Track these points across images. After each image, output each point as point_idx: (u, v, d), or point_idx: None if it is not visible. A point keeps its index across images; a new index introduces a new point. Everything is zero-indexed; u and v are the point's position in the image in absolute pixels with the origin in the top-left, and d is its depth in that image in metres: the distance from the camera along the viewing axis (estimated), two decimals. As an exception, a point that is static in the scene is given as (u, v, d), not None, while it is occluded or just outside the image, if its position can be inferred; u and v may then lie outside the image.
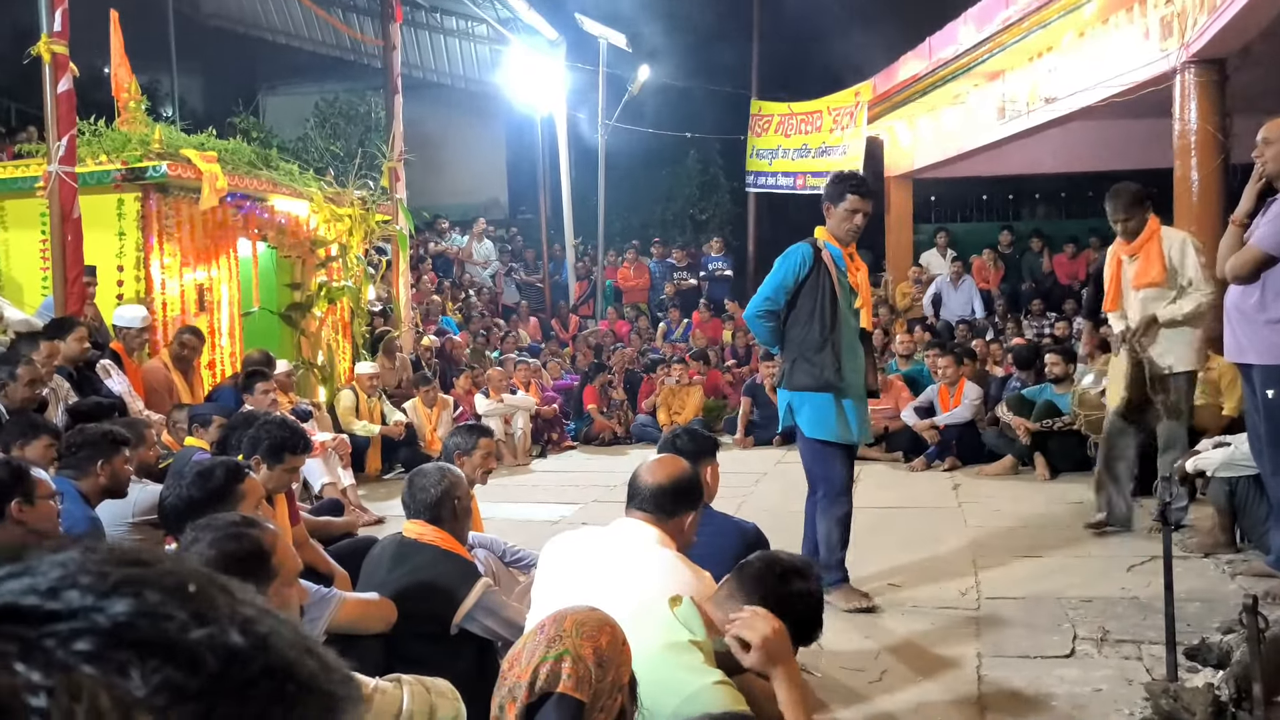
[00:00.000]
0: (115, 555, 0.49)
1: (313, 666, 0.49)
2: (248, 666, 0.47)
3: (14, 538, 2.74)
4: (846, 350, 4.27)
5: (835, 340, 4.23)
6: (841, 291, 4.27)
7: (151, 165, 6.72)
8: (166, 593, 0.47)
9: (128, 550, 0.50)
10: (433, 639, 2.89)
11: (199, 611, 0.47)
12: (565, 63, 13.93)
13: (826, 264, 4.26)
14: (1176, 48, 7.22)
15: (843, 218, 4.28)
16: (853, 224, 4.28)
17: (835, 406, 4.27)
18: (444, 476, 3.12)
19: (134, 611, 0.46)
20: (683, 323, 12.73)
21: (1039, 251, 13.19)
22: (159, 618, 0.46)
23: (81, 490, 3.60)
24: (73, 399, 5.32)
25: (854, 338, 4.35)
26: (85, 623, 0.45)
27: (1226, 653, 2.98)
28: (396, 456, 7.96)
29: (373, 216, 8.97)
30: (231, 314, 7.62)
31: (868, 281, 4.51)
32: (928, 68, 10.83)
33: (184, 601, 0.47)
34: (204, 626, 0.47)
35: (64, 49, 5.77)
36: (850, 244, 4.38)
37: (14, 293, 6.92)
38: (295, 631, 0.51)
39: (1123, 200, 5.04)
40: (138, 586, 0.47)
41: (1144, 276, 4.98)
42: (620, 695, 1.81)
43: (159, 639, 0.45)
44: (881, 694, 3.41)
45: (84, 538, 0.53)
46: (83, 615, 0.45)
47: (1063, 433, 7.06)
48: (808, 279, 4.25)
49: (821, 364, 4.23)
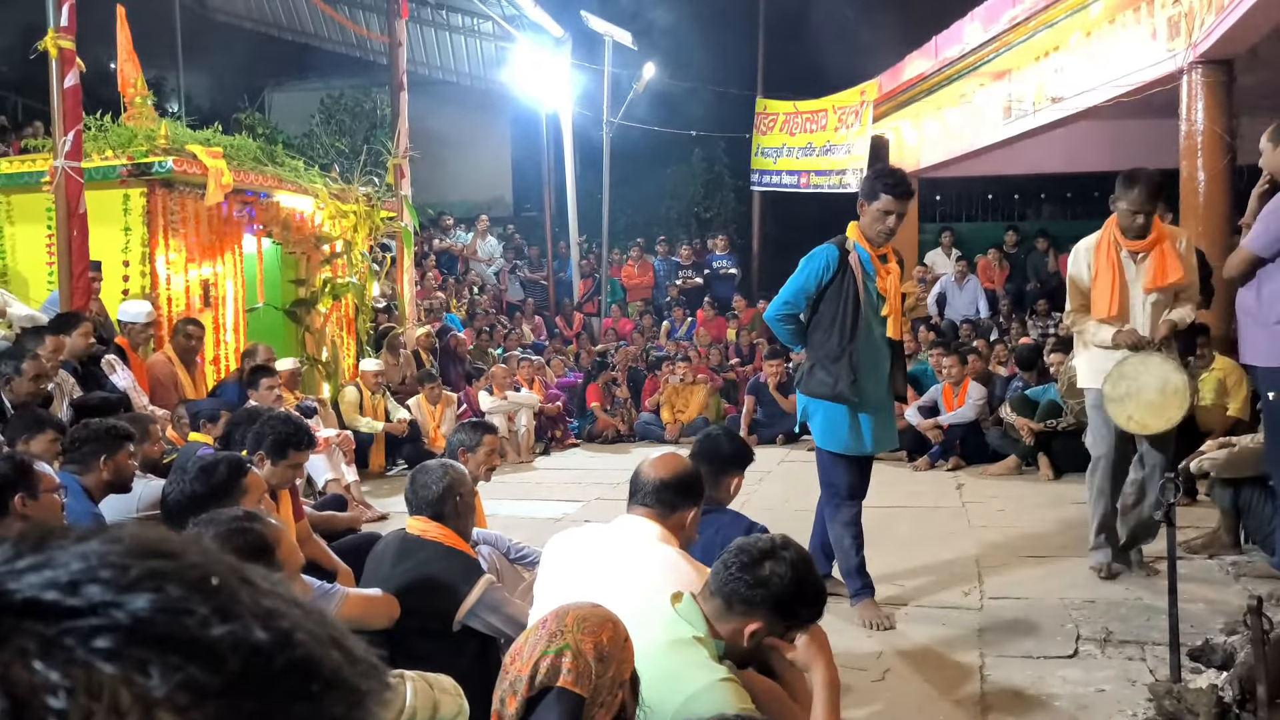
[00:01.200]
0: (137, 546, 0.48)
1: (337, 659, 0.48)
2: (271, 663, 0.46)
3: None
4: (866, 361, 4.09)
5: (853, 351, 4.04)
6: (867, 298, 4.07)
7: (157, 161, 6.74)
8: (188, 587, 0.46)
9: (149, 540, 0.49)
10: (435, 635, 2.89)
11: (221, 606, 0.46)
12: (570, 60, 13.92)
13: (853, 268, 4.05)
14: (1184, 48, 7.20)
15: (875, 218, 4.04)
16: (885, 225, 4.03)
17: (849, 418, 4.14)
18: (446, 473, 3.12)
19: (155, 607, 0.45)
20: (687, 321, 12.72)
21: (1044, 251, 13.16)
22: (180, 613, 0.45)
23: (85, 486, 3.61)
24: (77, 394, 5.33)
25: (877, 347, 4.14)
26: (105, 619, 0.44)
27: (1230, 654, 2.98)
28: (400, 453, 7.97)
29: (378, 213, 8.98)
30: (236, 310, 7.63)
31: (898, 286, 4.15)
32: (934, 67, 10.81)
33: (206, 596, 0.46)
34: (226, 623, 0.46)
35: (71, 44, 5.79)
36: (883, 246, 4.10)
37: (20, 287, 6.94)
38: (320, 622, 0.50)
39: (1147, 188, 4.28)
40: (159, 581, 0.46)
41: (1164, 278, 4.34)
42: (621, 692, 1.81)
43: (180, 636, 0.44)
44: (884, 693, 3.41)
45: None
46: (103, 611, 0.44)
47: (1066, 433, 7.06)
48: (831, 284, 4.06)
49: (837, 375, 4.07)
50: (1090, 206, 15.09)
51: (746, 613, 2.10)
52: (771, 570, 2.09)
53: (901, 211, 4.04)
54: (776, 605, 2.08)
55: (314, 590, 2.76)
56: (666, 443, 9.28)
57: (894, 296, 4.13)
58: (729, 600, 2.11)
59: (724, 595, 2.11)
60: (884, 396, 4.24)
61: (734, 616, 2.11)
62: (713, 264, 14.00)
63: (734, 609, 2.11)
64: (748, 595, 2.08)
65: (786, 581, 2.07)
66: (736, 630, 2.12)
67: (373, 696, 0.50)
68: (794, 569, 2.10)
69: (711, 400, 10.01)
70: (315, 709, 0.47)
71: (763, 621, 2.10)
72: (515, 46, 13.74)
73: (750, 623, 2.10)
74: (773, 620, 2.10)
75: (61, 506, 3.07)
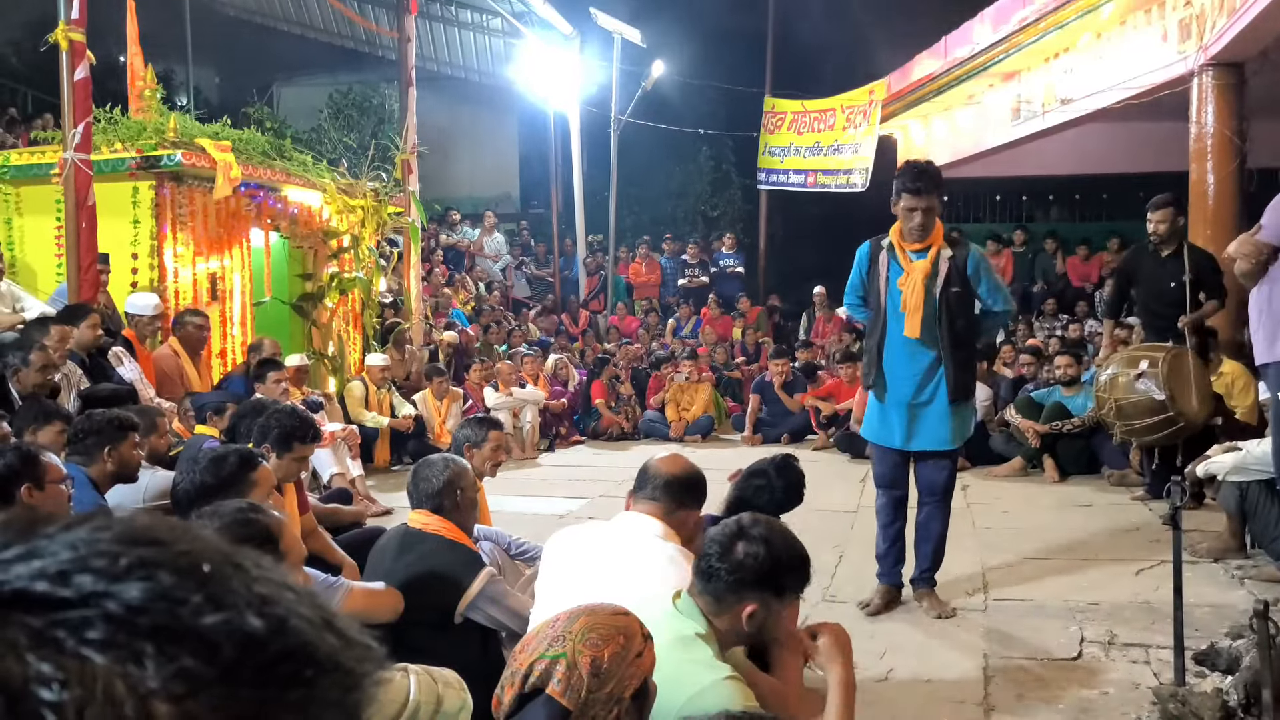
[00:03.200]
0: (127, 533, 0.47)
1: (332, 644, 0.48)
2: (265, 650, 0.45)
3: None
4: (890, 355, 4.19)
5: (877, 344, 4.21)
6: (889, 295, 4.16)
7: (166, 154, 6.75)
8: (180, 574, 0.46)
9: (140, 527, 0.48)
10: (437, 628, 2.89)
11: (214, 594, 0.46)
12: (579, 57, 13.92)
13: (880, 265, 4.18)
14: (1194, 50, 7.17)
15: (902, 217, 4.12)
16: (912, 222, 4.07)
17: (879, 408, 4.29)
18: (448, 467, 3.13)
19: (147, 596, 0.44)
20: (692, 319, 12.71)
21: (1053, 253, 13.13)
22: (174, 602, 0.45)
23: (90, 476, 3.62)
24: (85, 385, 5.34)
25: (904, 344, 4.16)
26: (97, 609, 0.43)
27: (1235, 658, 2.97)
28: (405, 448, 7.98)
29: (385, 208, 8.98)
30: (243, 303, 7.64)
31: (920, 284, 4.08)
32: (943, 67, 10.77)
33: (199, 584, 0.46)
34: (220, 611, 0.45)
35: (81, 37, 5.80)
36: (918, 241, 4.10)
37: (28, 279, 6.96)
38: (313, 605, 0.49)
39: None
40: (150, 569, 0.46)
41: None
42: (618, 708, 1.76)
43: (174, 625, 0.44)
44: (887, 693, 3.41)
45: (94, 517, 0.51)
46: (94, 601, 0.44)
47: (1072, 435, 7.04)
48: (868, 278, 4.24)
49: (868, 364, 4.30)
50: (1099, 208, 15.07)
51: (737, 599, 2.12)
52: (745, 551, 2.12)
53: (924, 206, 4.04)
54: (761, 582, 2.11)
55: (317, 583, 2.77)
56: (671, 441, 9.28)
57: (912, 294, 4.09)
58: (716, 593, 2.13)
59: (711, 590, 2.14)
60: (908, 395, 4.19)
61: (727, 606, 2.13)
62: (719, 262, 14.00)
63: (724, 600, 2.13)
64: (731, 582, 2.11)
65: (762, 558, 2.11)
66: (734, 619, 2.13)
67: (369, 679, 0.49)
68: (767, 544, 2.13)
69: (714, 398, 10.02)
70: (311, 694, 0.46)
71: (754, 602, 2.12)
72: (524, 43, 13.75)
73: (743, 606, 2.12)
74: (763, 597, 2.12)
75: (69, 497, 3.08)
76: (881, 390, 4.23)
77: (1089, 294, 11.96)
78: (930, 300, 4.09)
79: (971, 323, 4.22)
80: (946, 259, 4.10)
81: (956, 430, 4.19)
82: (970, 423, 4.40)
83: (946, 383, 4.13)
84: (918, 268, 4.09)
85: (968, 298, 4.14)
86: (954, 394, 4.14)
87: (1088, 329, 10.75)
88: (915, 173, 4.11)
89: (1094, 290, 11.88)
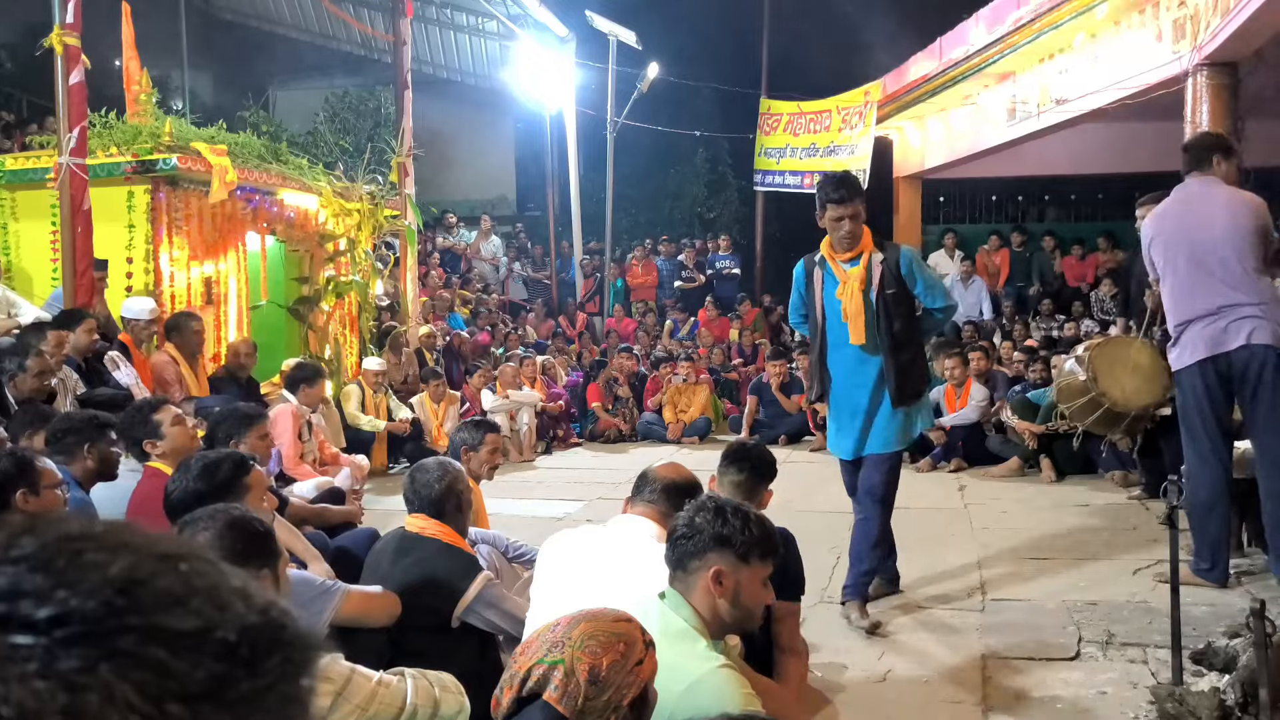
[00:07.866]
0: (62, 546, 0.49)
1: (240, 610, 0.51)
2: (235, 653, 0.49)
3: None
4: (837, 366, 4.25)
5: (819, 357, 4.30)
6: (829, 307, 4.20)
7: (162, 158, 6.74)
8: (117, 587, 0.48)
9: (74, 538, 0.50)
10: (434, 632, 2.89)
11: (156, 603, 0.48)
12: (575, 60, 13.92)
13: (816, 280, 4.25)
14: (1189, 50, 7.18)
15: (830, 228, 4.13)
16: (841, 231, 4.07)
17: (834, 420, 4.40)
18: (445, 471, 3.13)
19: (88, 616, 0.46)
20: (689, 321, 12.72)
21: (1050, 253, 13.15)
22: (113, 614, 0.47)
23: (74, 475, 3.61)
24: (81, 390, 5.33)
25: (852, 355, 4.18)
26: (42, 630, 0.45)
27: (1233, 657, 2.97)
28: (402, 452, 7.98)
29: (381, 211, 8.98)
30: (239, 307, 7.63)
31: (858, 292, 4.09)
32: (938, 68, 10.79)
33: (132, 596, 0.48)
34: (169, 615, 0.48)
35: (76, 41, 5.79)
36: (848, 250, 4.11)
37: (24, 284, 6.94)
38: (221, 575, 0.51)
39: None
40: (93, 584, 0.48)
41: None
42: (615, 715, 1.75)
43: (124, 644, 0.46)
44: (886, 694, 3.41)
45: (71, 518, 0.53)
46: (41, 621, 0.45)
47: (1068, 435, 7.04)
48: (807, 295, 4.32)
49: (814, 376, 4.40)
50: (1094, 208, 15.08)
51: (700, 563, 2.15)
52: (700, 517, 2.19)
53: (850, 213, 4.04)
54: (719, 540, 2.15)
55: (314, 587, 2.76)
56: (669, 443, 9.28)
57: (849, 301, 4.11)
58: (683, 563, 2.17)
59: (677, 560, 2.18)
60: (861, 403, 4.19)
61: (696, 577, 2.15)
62: (715, 264, 14.00)
63: (690, 569, 2.16)
64: (690, 548, 2.16)
65: (713, 517, 2.17)
66: (705, 589, 2.14)
67: (312, 654, 0.52)
68: (717, 509, 2.20)
69: (712, 400, 10.02)
70: (255, 670, 0.49)
71: (717, 563, 2.14)
72: (520, 45, 13.74)
73: (706, 570, 2.14)
74: (722, 555, 2.14)
75: (64, 501, 3.07)
76: (831, 401, 4.34)
77: (1085, 294, 11.98)
78: (869, 306, 4.10)
79: (912, 324, 4.19)
80: (879, 263, 4.11)
81: (901, 431, 4.19)
82: (918, 424, 4.33)
83: (889, 387, 4.14)
84: (852, 275, 4.12)
85: (905, 299, 4.13)
86: (898, 398, 4.13)
87: (1084, 329, 10.76)
88: (835, 182, 4.12)
89: (1090, 290, 11.89)
